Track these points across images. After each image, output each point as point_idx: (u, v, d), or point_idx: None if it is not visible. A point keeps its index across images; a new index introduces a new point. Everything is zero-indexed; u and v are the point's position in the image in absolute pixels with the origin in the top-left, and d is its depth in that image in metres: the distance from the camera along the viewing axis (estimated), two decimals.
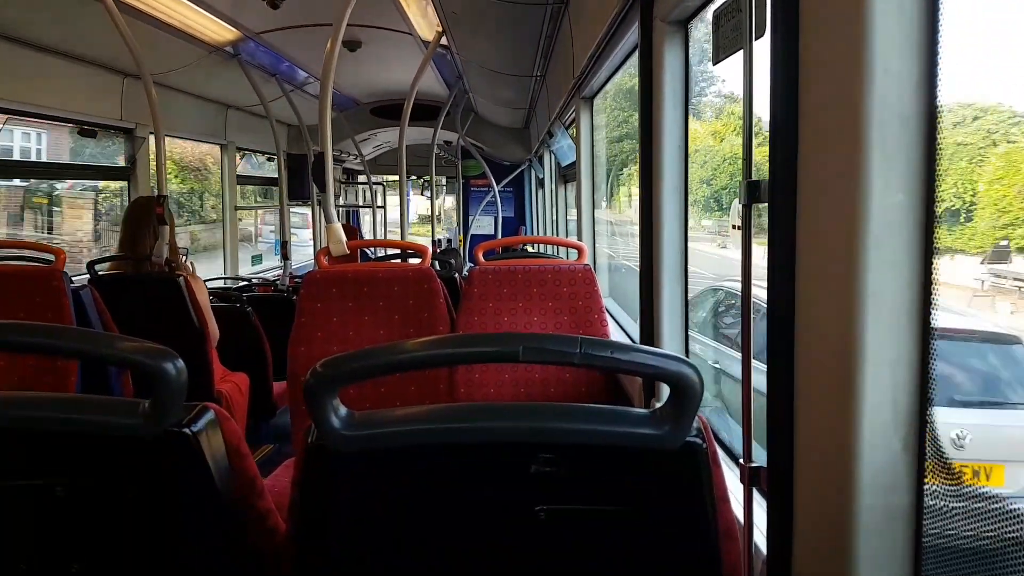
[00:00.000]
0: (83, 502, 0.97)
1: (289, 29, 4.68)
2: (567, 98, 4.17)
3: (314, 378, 0.84)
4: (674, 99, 1.97)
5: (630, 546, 0.93)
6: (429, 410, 0.89)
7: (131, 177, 4.81)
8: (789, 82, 1.00)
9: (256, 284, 5.69)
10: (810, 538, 1.01)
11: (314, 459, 0.89)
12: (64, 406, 0.96)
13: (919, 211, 0.88)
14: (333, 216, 2.86)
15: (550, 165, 7.15)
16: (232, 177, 6.64)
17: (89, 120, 4.42)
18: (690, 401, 0.84)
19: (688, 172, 2.01)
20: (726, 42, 1.41)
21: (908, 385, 0.90)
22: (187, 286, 3.10)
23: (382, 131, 8.47)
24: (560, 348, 0.83)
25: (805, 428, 1.01)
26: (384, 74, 6.62)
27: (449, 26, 4.01)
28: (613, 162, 5.74)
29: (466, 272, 6.36)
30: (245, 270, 7.08)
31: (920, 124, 0.87)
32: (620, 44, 2.73)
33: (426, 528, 0.93)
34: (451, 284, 3.95)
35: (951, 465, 0.88)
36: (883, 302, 0.88)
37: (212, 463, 0.96)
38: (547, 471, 0.88)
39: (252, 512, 1.08)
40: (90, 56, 4.17)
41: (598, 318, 2.57)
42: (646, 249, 2.07)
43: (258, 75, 5.50)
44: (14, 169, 4.18)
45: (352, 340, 2.42)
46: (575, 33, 3.35)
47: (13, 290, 2.67)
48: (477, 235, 9.29)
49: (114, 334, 2.60)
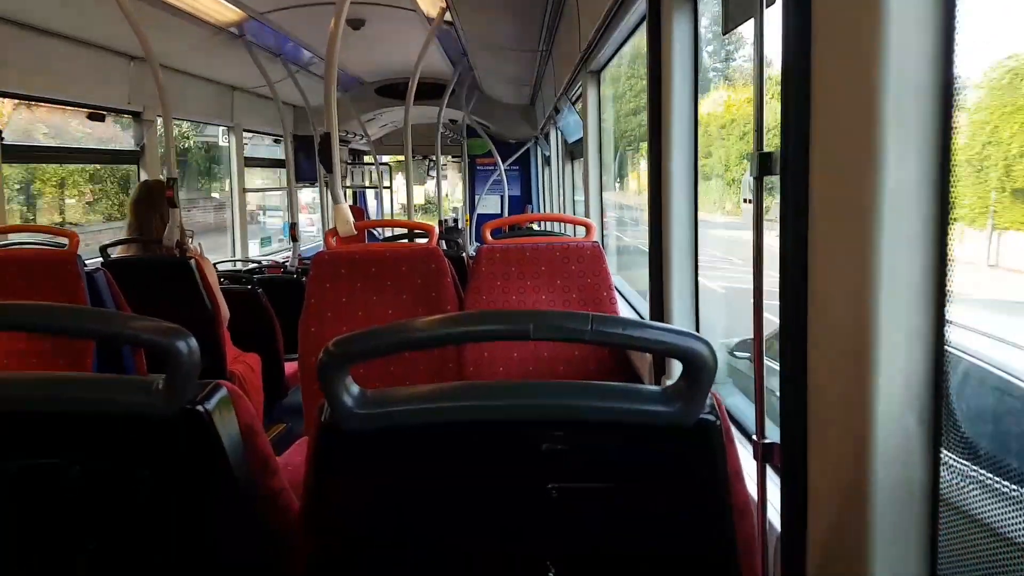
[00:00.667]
0: (98, 481, 0.98)
1: (293, 8, 4.65)
2: (573, 73, 4.12)
3: (327, 357, 0.84)
4: (683, 72, 1.94)
5: (643, 524, 0.93)
6: (441, 388, 0.89)
7: (140, 160, 4.81)
8: (801, 52, 0.98)
9: (266, 266, 5.71)
10: (824, 514, 1.00)
11: (327, 437, 0.90)
12: (80, 386, 0.96)
13: (935, 184, 0.87)
14: (340, 197, 2.87)
15: (557, 142, 7.10)
16: (240, 159, 6.63)
17: (97, 105, 4.42)
18: (703, 378, 0.84)
19: (698, 147, 1.99)
20: (737, 11, 1.38)
21: (923, 359, 0.89)
22: (198, 268, 3.12)
23: (387, 111, 8.43)
24: (571, 325, 0.82)
25: (818, 404, 1.01)
26: (388, 52, 6.58)
27: (453, 1, 3.97)
28: (630, 137, 5.49)
29: (472, 251, 6.36)
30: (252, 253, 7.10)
31: (936, 96, 0.85)
32: (627, 16, 2.69)
33: (438, 506, 0.93)
34: (458, 263, 3.95)
35: (967, 439, 0.88)
36: (898, 276, 0.87)
37: (226, 441, 0.97)
38: (559, 449, 0.88)
39: (266, 490, 1.09)
40: (97, 40, 4.15)
41: (607, 296, 2.56)
42: (655, 225, 2.05)
43: (263, 56, 5.47)
44: (23, 153, 4.19)
45: (361, 320, 2.43)
46: (581, 5, 3.30)
47: (29, 274, 2.70)
48: (483, 214, 9.27)
49: (127, 314, 2.62)
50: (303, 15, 4.77)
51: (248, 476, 1.02)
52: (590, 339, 0.82)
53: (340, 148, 3.31)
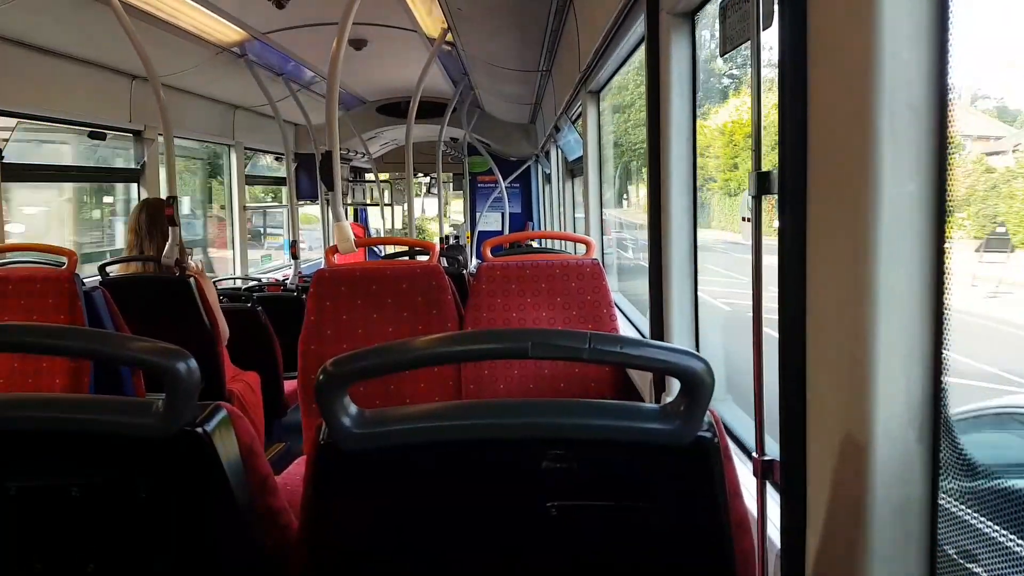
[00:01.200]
0: (98, 502, 0.98)
1: (295, 29, 4.69)
2: (573, 92, 4.15)
3: (325, 377, 0.84)
4: (682, 92, 1.96)
5: (642, 541, 0.92)
6: (439, 408, 0.89)
7: (141, 179, 4.83)
8: (798, 72, 0.99)
9: (266, 284, 5.71)
10: (824, 531, 1.00)
11: (325, 457, 0.89)
12: (78, 407, 0.96)
13: (931, 201, 0.87)
14: (341, 215, 2.89)
15: (557, 160, 7.14)
16: (241, 177, 6.66)
17: (99, 123, 4.44)
18: (701, 395, 0.84)
19: (696, 165, 2.00)
20: (733, 33, 1.40)
21: (921, 377, 0.89)
22: (197, 286, 3.12)
23: (389, 129, 8.48)
24: (569, 344, 0.82)
25: (818, 421, 1.01)
26: (390, 72, 6.63)
27: (455, 23, 4.00)
28: (639, 150, 5.42)
29: (473, 268, 6.38)
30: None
31: (931, 112, 0.86)
32: (626, 37, 2.71)
33: (437, 524, 0.93)
34: (459, 281, 3.95)
35: (966, 457, 0.87)
36: (895, 293, 0.87)
37: (225, 462, 0.96)
38: (558, 467, 0.88)
39: (265, 510, 1.08)
40: (98, 59, 4.19)
41: (607, 313, 2.57)
42: (655, 243, 2.06)
43: (265, 75, 5.51)
44: (24, 173, 4.21)
45: (361, 338, 2.43)
46: (581, 27, 3.33)
47: (26, 292, 2.69)
48: (484, 231, 9.29)
49: (126, 335, 2.62)
50: (305, 35, 4.81)
51: (247, 496, 1.02)
52: (588, 358, 0.82)
53: (341, 166, 3.33)
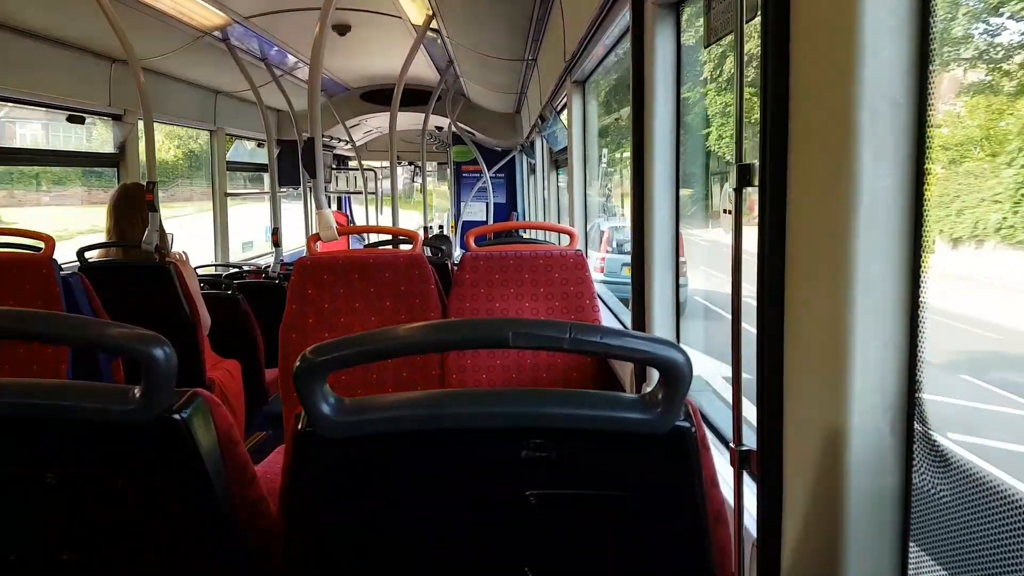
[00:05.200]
0: (74, 490, 0.97)
1: (278, 13, 4.63)
2: (559, 82, 4.15)
3: (304, 364, 0.84)
4: (666, 83, 1.96)
5: (620, 530, 0.93)
6: (419, 396, 0.89)
7: (120, 163, 4.77)
8: (780, 64, 1.00)
9: (247, 271, 5.66)
10: (800, 520, 1.01)
11: (304, 446, 0.89)
12: (55, 393, 0.95)
13: (909, 195, 0.88)
14: (323, 202, 2.87)
15: (542, 151, 7.13)
16: (222, 163, 6.59)
17: (77, 107, 4.37)
18: (679, 385, 0.84)
19: (680, 157, 2.00)
20: (718, 24, 1.40)
21: (897, 368, 0.90)
22: (177, 273, 3.09)
23: (372, 116, 8.43)
24: (549, 333, 0.83)
25: (795, 411, 1.02)
26: (374, 59, 6.58)
27: (439, 9, 3.98)
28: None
29: (457, 258, 6.37)
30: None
31: (911, 108, 0.87)
32: (611, 27, 2.71)
33: (416, 513, 0.93)
34: (442, 271, 3.94)
35: (939, 447, 0.89)
36: (872, 285, 0.88)
37: (203, 449, 0.96)
38: (538, 456, 0.88)
39: (243, 498, 1.08)
40: (78, 42, 4.12)
41: (590, 304, 2.57)
42: (637, 234, 2.06)
43: (247, 60, 5.45)
44: (3, 155, 4.14)
45: (343, 326, 2.42)
46: (566, 16, 3.32)
47: (3, 278, 2.65)
48: (469, 221, 9.27)
49: (103, 320, 2.58)
50: (288, 20, 4.76)
51: (225, 484, 1.01)
52: (569, 348, 0.82)
53: (324, 153, 3.31)
